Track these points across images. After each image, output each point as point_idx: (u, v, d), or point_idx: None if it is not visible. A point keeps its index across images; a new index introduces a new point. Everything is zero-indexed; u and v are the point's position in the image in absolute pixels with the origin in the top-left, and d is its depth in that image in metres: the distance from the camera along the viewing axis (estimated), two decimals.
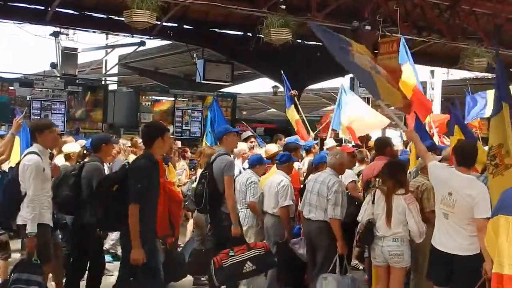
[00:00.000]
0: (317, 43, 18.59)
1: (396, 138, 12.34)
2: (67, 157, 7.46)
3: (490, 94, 11.43)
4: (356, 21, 13.46)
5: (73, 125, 14.51)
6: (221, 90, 19.68)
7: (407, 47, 10.37)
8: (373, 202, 5.85)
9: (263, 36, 12.44)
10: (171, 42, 17.29)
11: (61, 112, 14.22)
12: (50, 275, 6.34)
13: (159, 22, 12.49)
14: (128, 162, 6.21)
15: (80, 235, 6.26)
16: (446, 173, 5.33)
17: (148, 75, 21.57)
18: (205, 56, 17.45)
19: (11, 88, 14.25)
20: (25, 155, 5.69)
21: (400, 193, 5.72)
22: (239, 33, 16.45)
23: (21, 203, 5.50)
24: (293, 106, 11.96)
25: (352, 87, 15.88)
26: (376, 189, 5.94)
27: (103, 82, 18.25)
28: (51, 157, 6.51)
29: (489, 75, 19.24)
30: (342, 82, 18.65)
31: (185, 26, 15.75)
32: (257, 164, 7.42)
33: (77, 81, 15.70)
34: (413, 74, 10.25)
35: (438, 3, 15.28)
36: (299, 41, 14.83)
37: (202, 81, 17.04)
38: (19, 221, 5.53)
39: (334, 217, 6.25)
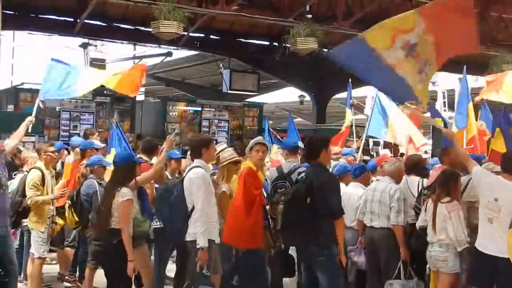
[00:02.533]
0: None
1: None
2: None
3: None
4: None
5: (103, 135, 14.67)
6: (247, 99, 19.74)
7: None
8: (425, 210, 6.06)
9: (289, 46, 12.44)
10: (197, 52, 17.40)
11: (90, 123, 14.35)
12: None
13: (186, 33, 12.58)
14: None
15: None
16: (491, 179, 5.47)
17: (175, 85, 21.74)
18: (231, 66, 17.51)
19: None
20: (190, 170, 5.67)
21: (445, 201, 5.82)
22: (265, 42, 16.50)
23: (189, 218, 5.46)
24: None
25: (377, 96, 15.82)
26: (430, 197, 6.10)
27: None
28: None
29: None
30: (369, 90, 18.64)
31: (211, 36, 15.86)
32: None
33: (105, 92, 15.88)
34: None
35: None
36: (325, 50, 14.79)
37: (228, 91, 17.10)
38: (188, 237, 5.47)
39: (398, 223, 6.34)
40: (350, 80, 11.90)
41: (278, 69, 16.96)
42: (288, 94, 25.48)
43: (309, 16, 12.60)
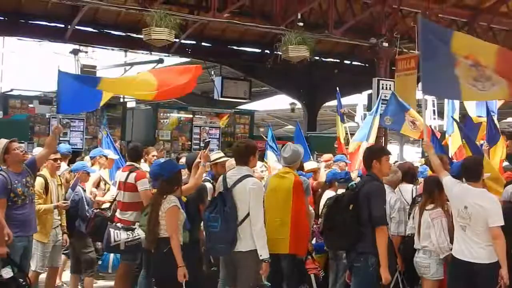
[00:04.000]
0: (335, 60, 18.72)
1: (413, 154, 12.25)
2: None
3: None
4: (373, 38, 13.46)
5: (91, 142, 14.60)
6: (239, 107, 19.75)
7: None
8: (413, 217, 6.13)
9: (281, 53, 12.48)
10: (189, 59, 17.41)
11: (80, 130, 14.29)
12: None
13: (177, 40, 12.59)
14: None
15: None
16: (459, 188, 5.57)
17: None
18: (223, 73, 17.53)
19: (31, 105, 14.35)
20: (243, 178, 5.39)
21: (429, 208, 5.86)
22: (257, 50, 16.55)
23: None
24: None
25: (370, 104, 15.85)
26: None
27: (121, 100, 18.39)
28: None
29: None
30: (358, 99, 18.69)
31: (203, 44, 15.90)
32: None
33: None
34: None
35: (456, 19, 15.27)
36: (317, 58, 14.84)
37: (220, 98, 17.10)
38: (242, 248, 5.27)
39: (398, 234, 6.28)
40: (337, 88, 11.98)
41: (269, 77, 17.01)
42: (280, 102, 25.56)
43: (301, 24, 12.66)
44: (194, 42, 15.68)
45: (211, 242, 5.52)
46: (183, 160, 7.72)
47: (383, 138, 13.15)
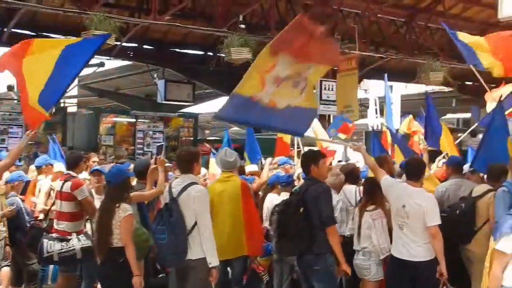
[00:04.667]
0: None
1: (358, 154, 12.40)
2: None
3: None
4: None
5: (31, 149, 14.21)
6: (182, 110, 19.60)
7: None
8: (352, 218, 6.21)
9: (223, 56, 12.45)
10: (131, 62, 17.18)
11: (18, 136, 13.91)
12: None
13: (118, 43, 12.39)
14: None
15: None
16: (398, 187, 5.68)
17: (109, 96, 21.36)
18: (166, 76, 17.38)
19: None
20: (188, 186, 5.25)
21: (370, 209, 5.91)
22: (199, 52, 16.46)
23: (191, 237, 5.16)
24: None
25: None
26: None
27: (62, 104, 17.98)
28: None
29: (446, 89, 19.66)
30: None
31: (145, 46, 15.69)
32: None
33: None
34: None
35: (394, 19, 15.62)
36: None
37: (163, 102, 16.95)
38: (192, 256, 5.14)
39: (340, 234, 6.24)
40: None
41: (213, 79, 16.93)
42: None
43: (243, 26, 12.67)
44: (136, 45, 15.45)
45: (161, 253, 5.43)
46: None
47: None
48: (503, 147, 6.65)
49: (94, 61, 16.18)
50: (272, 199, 7.04)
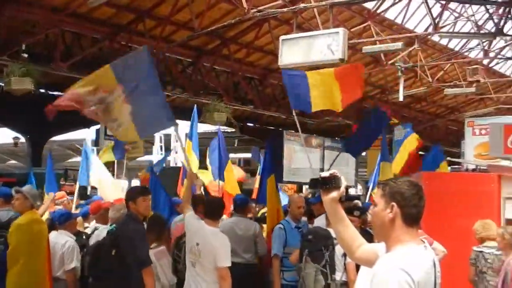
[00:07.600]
0: (62, 94, 18.10)
1: None
2: None
3: None
4: None
5: None
6: None
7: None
8: None
9: (2, 85, 11.72)
10: None
11: None
12: None
13: None
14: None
15: None
16: (196, 224, 5.63)
17: None
18: None
19: None
20: None
21: (152, 247, 5.72)
22: None
23: None
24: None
25: (97, 139, 15.79)
26: None
27: None
28: None
29: (228, 129, 20.59)
30: (87, 133, 18.43)
31: None
32: None
33: None
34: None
35: (181, 59, 16.11)
36: (43, 90, 14.27)
37: None
38: None
39: None
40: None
41: None
42: (2, 135, 24.00)
43: (25, 55, 12.12)
44: None
45: None
46: None
47: None
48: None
49: None
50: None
